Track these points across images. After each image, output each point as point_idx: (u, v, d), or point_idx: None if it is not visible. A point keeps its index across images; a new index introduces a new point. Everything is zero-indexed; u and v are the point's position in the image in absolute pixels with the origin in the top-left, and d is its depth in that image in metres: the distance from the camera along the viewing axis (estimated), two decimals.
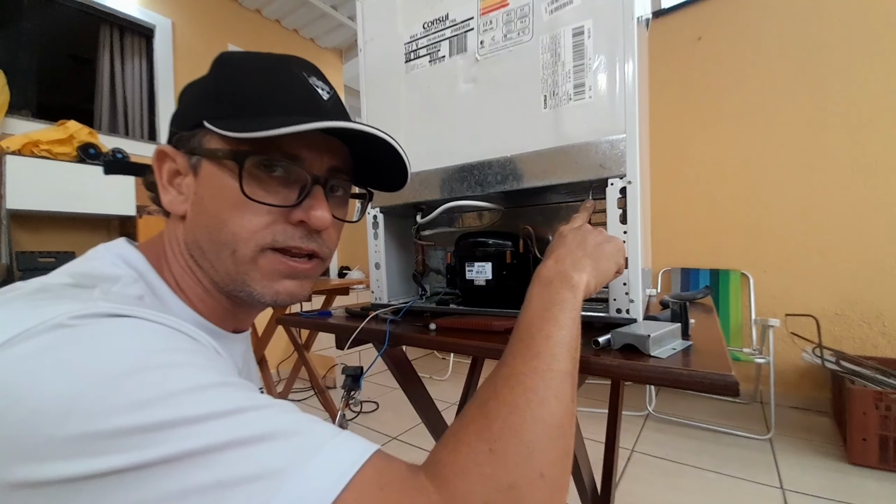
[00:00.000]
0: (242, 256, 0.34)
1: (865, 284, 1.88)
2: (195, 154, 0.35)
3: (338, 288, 1.64)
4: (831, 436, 1.73)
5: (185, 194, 0.36)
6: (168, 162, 0.36)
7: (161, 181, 0.36)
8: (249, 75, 0.35)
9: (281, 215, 0.35)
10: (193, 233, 0.36)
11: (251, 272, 0.35)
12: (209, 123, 0.33)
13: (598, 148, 0.53)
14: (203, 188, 0.35)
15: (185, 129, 0.35)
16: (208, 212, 0.34)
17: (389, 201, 0.73)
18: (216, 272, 0.35)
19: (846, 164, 1.91)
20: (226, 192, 0.33)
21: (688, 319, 0.51)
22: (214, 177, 0.34)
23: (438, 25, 0.64)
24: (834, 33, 1.91)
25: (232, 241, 0.34)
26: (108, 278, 0.31)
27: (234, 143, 0.33)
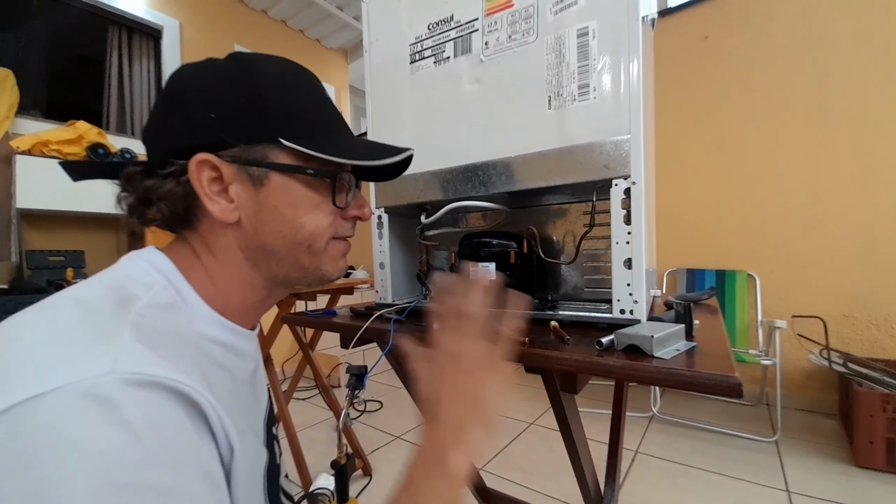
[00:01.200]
0: (317, 249, 0.40)
1: (873, 286, 1.86)
2: (257, 165, 0.37)
3: (342, 287, 1.65)
4: (838, 438, 1.72)
5: (237, 202, 0.37)
6: (208, 170, 0.36)
7: (202, 190, 0.36)
8: (294, 91, 0.39)
9: (338, 213, 0.41)
10: (260, 238, 0.38)
11: (323, 258, 0.41)
12: (290, 142, 0.36)
13: (603, 148, 0.53)
14: (276, 198, 0.38)
15: (243, 141, 0.36)
16: (283, 218, 0.38)
17: (394, 201, 0.73)
18: (283, 268, 0.40)
19: (854, 164, 1.89)
20: (302, 199, 0.39)
21: (692, 320, 0.51)
22: (289, 187, 0.38)
23: (443, 26, 0.65)
24: (842, 33, 1.89)
25: (310, 238, 0.39)
26: (142, 287, 0.33)
27: (307, 160, 0.38)
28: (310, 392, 2.39)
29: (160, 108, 0.38)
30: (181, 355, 0.31)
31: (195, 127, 0.37)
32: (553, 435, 1.85)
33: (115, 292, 0.32)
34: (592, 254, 0.68)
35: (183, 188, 0.37)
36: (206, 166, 0.36)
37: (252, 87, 0.37)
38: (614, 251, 0.54)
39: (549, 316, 0.60)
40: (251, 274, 0.40)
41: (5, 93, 1.79)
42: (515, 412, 2.11)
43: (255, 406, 0.43)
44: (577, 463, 0.78)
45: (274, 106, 0.37)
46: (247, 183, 0.37)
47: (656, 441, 1.76)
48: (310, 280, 0.42)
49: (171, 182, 0.37)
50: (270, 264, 0.40)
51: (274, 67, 0.39)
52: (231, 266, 0.39)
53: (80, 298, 0.30)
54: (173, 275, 0.37)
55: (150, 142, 0.39)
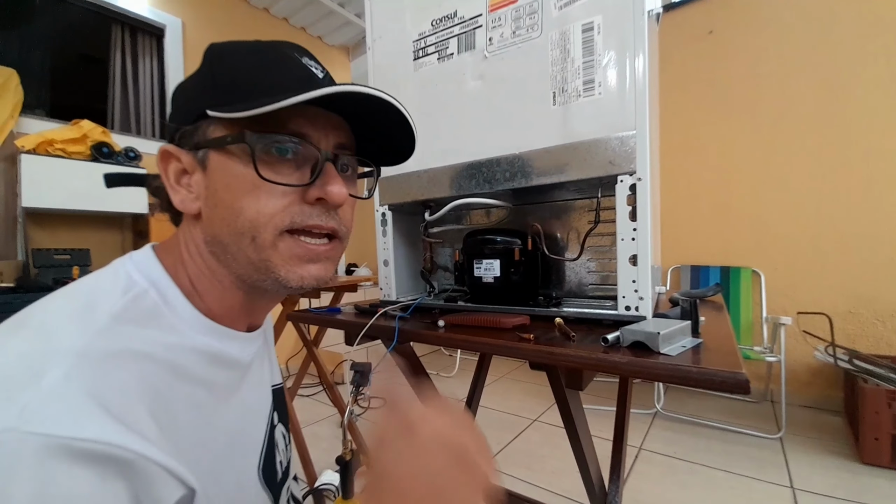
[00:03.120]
0: (263, 242, 0.33)
1: (879, 282, 1.85)
2: (201, 147, 0.34)
3: (346, 285, 1.65)
4: (843, 435, 1.71)
5: (196, 192, 0.35)
6: (173, 161, 0.35)
7: (169, 182, 0.35)
8: (244, 60, 0.34)
9: (297, 195, 0.34)
10: (211, 228, 0.35)
11: (273, 257, 0.34)
12: (211, 111, 0.32)
13: (608, 144, 0.52)
14: (214, 180, 0.34)
15: (186, 123, 0.34)
16: (223, 203, 0.33)
17: (398, 199, 0.73)
18: (239, 264, 0.35)
19: (860, 159, 1.87)
20: (238, 179, 0.33)
21: (698, 317, 0.51)
22: (225, 166, 0.33)
23: (447, 22, 0.64)
24: (847, 27, 1.87)
25: (251, 227, 0.33)
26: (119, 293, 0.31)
27: (240, 127, 0.32)
28: (314, 389, 2.40)
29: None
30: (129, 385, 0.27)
31: (170, 119, 0.36)
32: (556, 431, 1.85)
33: (84, 300, 0.30)
34: (597, 250, 0.68)
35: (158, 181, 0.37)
36: (170, 158, 0.35)
37: (205, 66, 0.35)
38: (620, 248, 0.53)
39: (554, 313, 0.60)
40: (219, 270, 0.36)
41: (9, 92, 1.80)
42: (518, 409, 2.11)
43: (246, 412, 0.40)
44: (582, 459, 0.78)
45: (211, 79, 0.34)
46: (199, 169, 0.34)
47: (660, 438, 1.76)
48: (267, 284, 0.35)
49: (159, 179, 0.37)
50: (227, 260, 0.35)
51: (229, 45, 0.36)
52: (200, 261, 0.36)
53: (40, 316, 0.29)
54: (158, 276, 0.34)
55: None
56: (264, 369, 0.46)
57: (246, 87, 0.33)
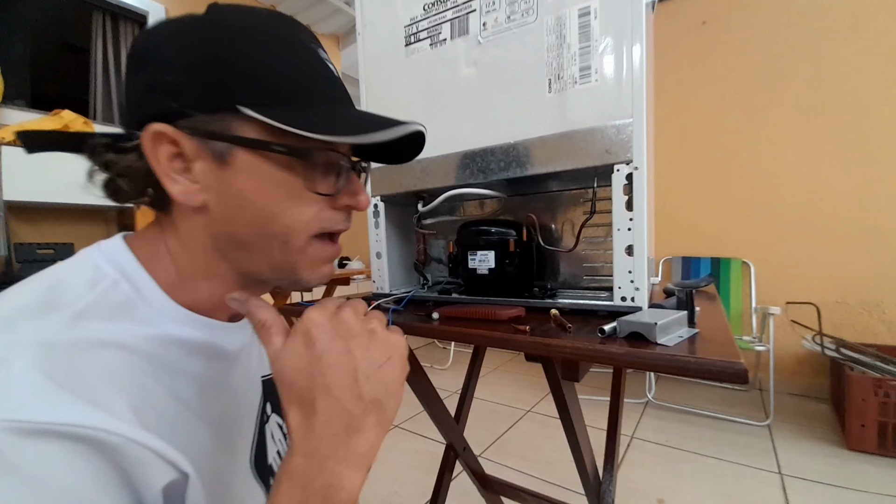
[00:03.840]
0: (294, 247, 0.34)
1: (866, 272, 1.88)
2: (223, 140, 0.31)
3: (339, 278, 1.64)
4: (830, 422, 1.75)
5: (203, 183, 0.32)
6: (166, 144, 0.31)
7: (160, 167, 0.31)
8: (265, 49, 0.31)
9: (326, 203, 0.34)
10: (228, 226, 0.33)
11: (300, 260, 0.35)
12: (254, 111, 0.30)
13: (604, 133, 0.52)
14: (242, 180, 0.32)
15: (201, 110, 0.30)
16: (253, 205, 0.32)
17: (390, 190, 0.72)
18: (254, 263, 0.34)
19: (849, 152, 1.89)
20: (275, 184, 0.32)
21: (694, 307, 0.50)
22: (258, 169, 0.31)
23: (439, 7, 0.63)
24: (841, 19, 1.88)
25: (285, 233, 0.33)
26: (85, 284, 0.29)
27: (279, 135, 0.31)
28: None
29: (126, 72, 0.33)
30: (104, 376, 0.26)
31: (152, 92, 0.31)
32: (550, 421, 1.87)
33: (48, 294, 0.28)
34: (592, 241, 0.68)
35: (144, 164, 0.31)
36: (163, 140, 0.30)
37: (214, 42, 0.30)
38: (615, 238, 0.53)
39: (549, 304, 0.59)
40: (221, 265, 0.35)
41: None
42: (513, 400, 2.12)
43: (234, 404, 0.39)
44: (577, 449, 0.78)
45: (238, 66, 0.30)
46: (211, 160, 0.31)
47: (651, 426, 1.79)
48: (285, 283, 0.36)
49: (132, 156, 0.32)
50: (239, 257, 0.34)
51: (247, 19, 0.32)
52: (199, 255, 0.34)
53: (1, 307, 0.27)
54: (130, 267, 0.32)
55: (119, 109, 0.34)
56: (252, 360, 0.44)
57: (285, 91, 0.32)
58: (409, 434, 1.81)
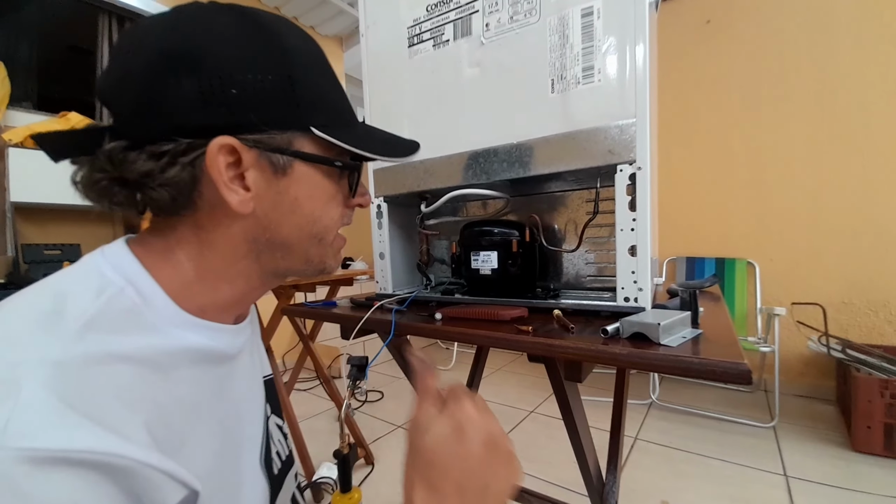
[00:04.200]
0: (326, 242, 0.39)
1: (872, 273, 1.87)
2: (283, 153, 0.34)
3: (342, 279, 1.64)
4: (836, 424, 1.73)
5: (254, 191, 0.33)
6: (227, 155, 0.32)
7: (221, 178, 0.31)
8: (321, 74, 0.36)
9: (343, 203, 0.40)
10: (273, 230, 0.36)
11: (328, 253, 0.40)
12: (322, 132, 0.34)
13: (607, 133, 0.51)
14: (297, 189, 0.35)
15: (274, 126, 0.33)
16: (303, 210, 0.36)
17: (394, 190, 0.72)
18: (289, 261, 0.38)
19: (855, 151, 1.88)
20: (321, 190, 0.37)
21: (698, 308, 0.50)
22: (312, 178, 0.36)
23: (442, 8, 0.63)
24: (845, 16, 1.86)
25: (323, 231, 0.38)
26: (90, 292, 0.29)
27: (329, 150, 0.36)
28: (311, 383, 2.40)
29: (157, 69, 0.30)
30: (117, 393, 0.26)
31: (211, 100, 0.30)
32: (553, 423, 1.86)
33: (51, 306, 0.27)
34: (595, 242, 0.68)
35: (189, 173, 0.31)
36: (224, 150, 0.31)
37: (283, 64, 0.33)
38: (619, 238, 0.53)
39: (552, 304, 0.59)
40: (250, 266, 0.37)
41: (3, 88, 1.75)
42: (515, 401, 2.12)
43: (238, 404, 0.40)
44: (580, 450, 0.78)
45: (306, 89, 0.34)
46: (267, 171, 0.33)
47: (655, 427, 1.78)
48: (310, 273, 0.41)
49: (174, 165, 0.31)
50: (276, 257, 0.37)
51: (301, 43, 0.35)
52: (230, 259, 0.35)
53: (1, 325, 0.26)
54: (136, 273, 0.32)
55: (135, 108, 0.31)
56: (254, 360, 0.46)
57: (332, 108, 0.37)
58: None
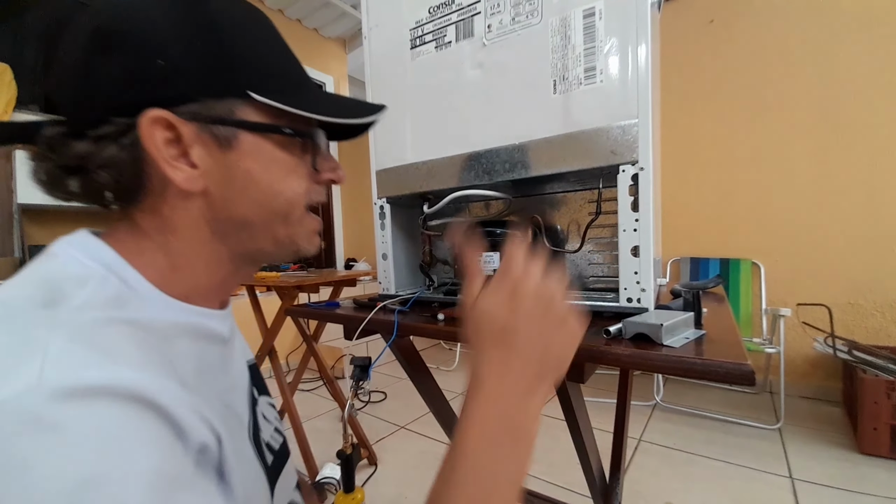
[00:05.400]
0: (294, 219, 0.36)
1: (879, 273, 1.85)
2: (224, 123, 0.32)
3: (345, 279, 1.64)
4: (842, 425, 1.72)
5: (202, 167, 0.32)
6: (161, 130, 0.30)
7: (161, 155, 0.30)
8: (263, 35, 0.34)
9: (311, 177, 0.37)
10: (231, 208, 0.34)
11: (299, 232, 0.37)
12: (264, 97, 0.32)
13: (610, 133, 0.51)
14: (248, 162, 0.33)
15: (207, 94, 0.31)
16: (258, 185, 0.34)
17: (396, 191, 0.72)
18: (255, 241, 0.36)
19: (861, 151, 1.86)
20: (278, 163, 0.34)
21: (701, 308, 0.50)
22: (262, 149, 0.34)
23: (444, 10, 0.63)
24: (850, 16, 1.85)
25: (287, 207, 0.35)
26: (75, 281, 0.28)
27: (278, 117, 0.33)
28: (315, 384, 2.41)
29: (85, 52, 0.30)
30: (135, 344, 0.26)
31: (139, 76, 0.29)
32: (556, 424, 1.85)
33: (43, 290, 0.26)
34: (598, 242, 0.67)
35: (129, 153, 0.30)
36: (159, 125, 0.30)
37: (210, 29, 0.31)
38: (621, 239, 0.53)
39: None
40: (219, 249, 0.35)
41: (3, 87, 1.77)
42: None
43: (231, 385, 0.40)
44: (583, 452, 0.78)
45: (239, 53, 0.32)
46: (211, 145, 0.32)
47: (659, 429, 1.77)
48: (283, 254, 0.38)
49: (111, 146, 0.30)
50: (242, 238, 0.35)
51: (230, 6, 0.33)
52: (196, 243, 0.34)
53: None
54: (115, 262, 0.31)
55: (70, 93, 0.30)
56: (238, 345, 0.45)
57: (273, 71, 0.34)
58: (414, 435, 1.81)
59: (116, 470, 0.21)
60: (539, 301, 0.34)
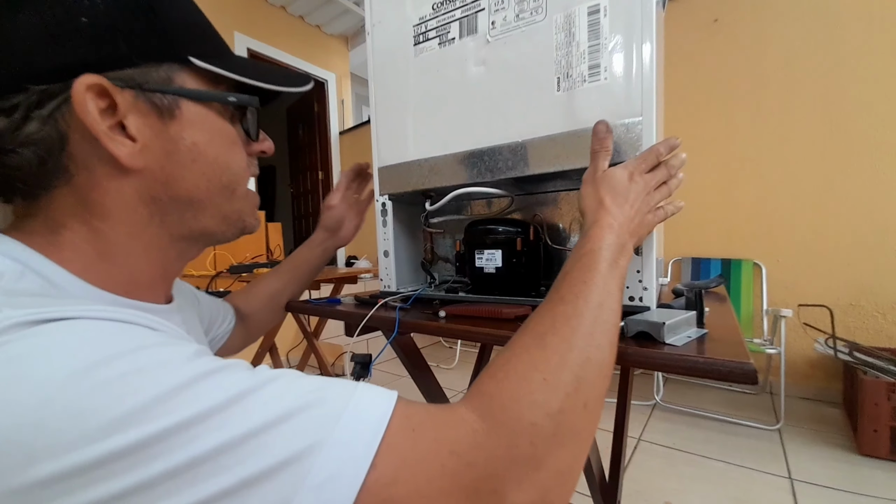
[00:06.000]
0: (239, 194, 0.35)
1: (880, 275, 1.85)
2: (164, 91, 0.29)
3: (346, 277, 1.65)
4: (842, 427, 1.72)
5: (143, 142, 0.29)
6: (94, 98, 0.26)
7: (99, 126, 0.26)
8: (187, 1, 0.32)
9: (245, 149, 0.36)
10: (174, 185, 0.31)
11: (245, 207, 0.36)
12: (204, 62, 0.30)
13: (613, 131, 0.51)
14: (192, 133, 0.31)
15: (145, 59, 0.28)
16: (206, 157, 0.31)
17: (398, 188, 0.72)
18: (201, 220, 0.33)
19: (863, 152, 1.86)
20: (220, 134, 0.33)
21: (703, 307, 0.50)
22: (206, 119, 0.31)
23: (448, 6, 0.63)
24: (854, 16, 1.84)
25: (234, 181, 0.34)
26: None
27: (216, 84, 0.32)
28: None
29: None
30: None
31: (62, 35, 0.25)
32: None
33: None
34: None
35: (53, 127, 0.26)
36: (93, 92, 0.26)
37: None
38: None
39: None
40: (158, 234, 0.32)
41: None
42: None
43: None
44: None
45: (175, 14, 0.30)
46: (151, 115, 0.29)
47: (659, 429, 1.77)
48: (230, 234, 0.36)
49: (31, 121, 0.25)
50: (185, 218, 0.32)
51: None
52: (131, 228, 0.30)
53: None
54: (30, 258, 0.26)
55: None
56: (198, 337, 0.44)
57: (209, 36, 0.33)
58: None
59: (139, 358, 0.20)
60: (646, 186, 0.46)
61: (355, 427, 0.22)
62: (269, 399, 0.22)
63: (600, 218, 0.43)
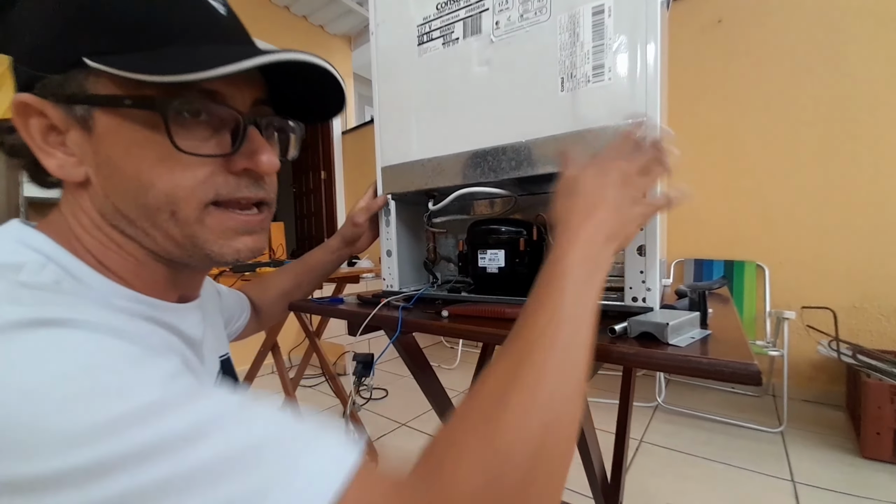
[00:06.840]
0: (186, 218, 0.30)
1: (884, 277, 1.84)
2: (78, 102, 0.27)
3: (348, 276, 1.65)
4: (844, 430, 1.71)
5: (79, 155, 0.29)
6: (35, 117, 0.28)
7: (34, 142, 0.28)
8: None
9: (220, 165, 0.30)
10: (109, 200, 0.29)
11: (200, 233, 0.31)
12: (94, 62, 0.25)
13: (617, 132, 0.51)
14: (107, 146, 0.28)
15: (51, 70, 0.27)
16: (124, 174, 0.28)
17: (401, 188, 0.72)
18: (155, 240, 0.31)
19: (867, 153, 1.85)
20: (143, 147, 0.28)
21: (707, 308, 0.50)
22: (120, 130, 0.28)
23: (452, 6, 0.63)
24: (859, 18, 1.83)
25: (167, 202, 0.29)
26: (9, 269, 0.25)
27: (137, 86, 0.26)
28: (317, 380, 2.41)
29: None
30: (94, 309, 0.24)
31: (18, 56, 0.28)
32: None
33: None
34: None
35: (19, 139, 0.28)
36: (30, 112, 0.27)
37: None
38: None
39: None
40: (127, 244, 0.31)
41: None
42: None
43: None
44: (585, 452, 0.78)
45: (80, 11, 0.26)
46: (75, 127, 0.28)
47: (661, 431, 1.76)
48: (195, 260, 0.32)
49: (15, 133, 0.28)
50: (137, 234, 0.30)
51: None
52: (99, 234, 0.31)
53: None
54: (52, 250, 0.28)
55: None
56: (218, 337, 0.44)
57: (134, 30, 0.26)
58: (416, 433, 1.81)
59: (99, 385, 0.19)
60: (622, 176, 0.39)
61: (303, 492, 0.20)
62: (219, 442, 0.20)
63: (569, 224, 0.37)
